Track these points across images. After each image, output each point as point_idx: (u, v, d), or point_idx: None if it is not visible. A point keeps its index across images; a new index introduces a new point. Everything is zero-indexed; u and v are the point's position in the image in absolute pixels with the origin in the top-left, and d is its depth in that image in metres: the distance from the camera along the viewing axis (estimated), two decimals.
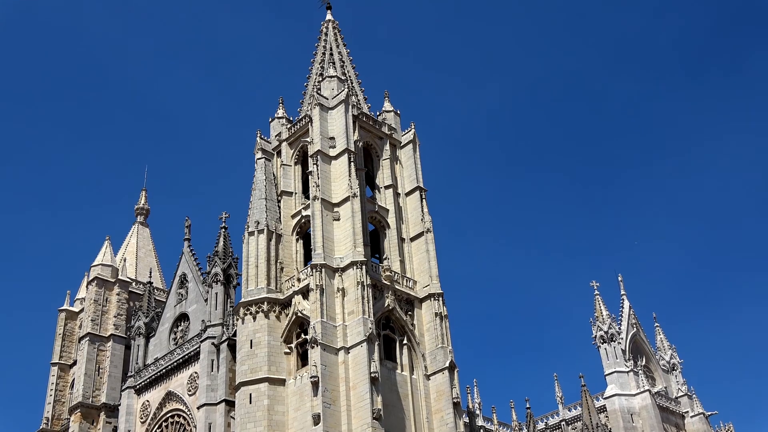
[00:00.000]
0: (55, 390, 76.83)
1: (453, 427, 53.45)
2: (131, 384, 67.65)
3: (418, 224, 62.31)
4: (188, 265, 69.61)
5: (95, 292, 74.94)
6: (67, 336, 79.46)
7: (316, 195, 58.35)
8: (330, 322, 52.96)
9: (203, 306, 65.04)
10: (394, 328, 56.88)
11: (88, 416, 69.81)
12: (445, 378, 55.14)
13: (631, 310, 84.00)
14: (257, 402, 53.16)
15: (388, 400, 52.09)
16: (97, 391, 71.10)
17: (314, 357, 51.27)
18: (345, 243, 56.52)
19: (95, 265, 76.93)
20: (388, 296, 56.55)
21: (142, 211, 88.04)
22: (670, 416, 78.99)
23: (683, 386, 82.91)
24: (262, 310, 56.16)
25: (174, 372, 64.93)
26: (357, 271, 54.58)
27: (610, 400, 75.91)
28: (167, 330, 68.88)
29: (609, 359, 77.54)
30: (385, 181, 63.81)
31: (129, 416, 66.28)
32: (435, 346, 56.68)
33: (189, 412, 61.97)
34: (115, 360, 72.47)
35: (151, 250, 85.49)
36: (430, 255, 60.52)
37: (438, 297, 58.39)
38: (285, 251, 59.92)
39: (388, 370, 54.45)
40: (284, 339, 55.97)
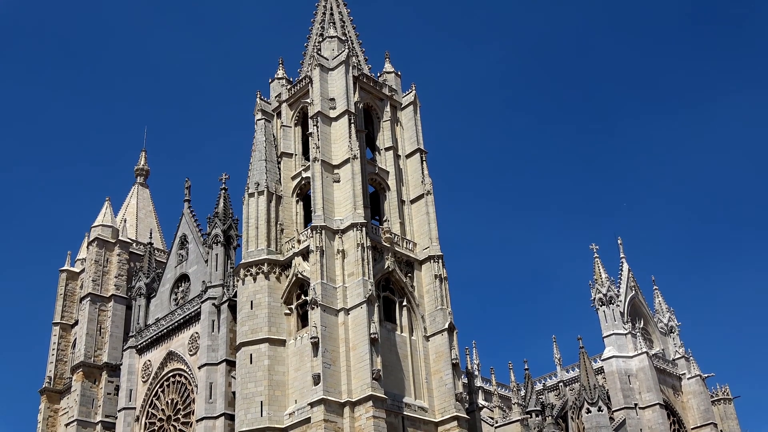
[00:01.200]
0: (57, 349, 77.44)
1: (451, 388, 53.94)
2: (132, 344, 68.16)
3: (418, 186, 62.23)
4: (188, 227, 69.70)
5: (96, 253, 75.14)
6: (68, 296, 79.86)
7: (316, 156, 58.19)
8: (330, 284, 53.17)
9: (204, 267, 65.26)
10: (394, 290, 57.12)
11: (90, 375, 70.47)
12: (445, 339, 55.51)
13: (630, 273, 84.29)
14: (258, 362, 53.60)
15: (387, 361, 52.51)
16: (98, 350, 71.67)
17: (314, 318, 51.57)
18: (345, 205, 56.51)
19: (95, 226, 77.02)
20: (388, 258, 56.70)
21: (142, 172, 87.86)
22: (667, 378, 79.69)
23: (680, 348, 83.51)
24: (262, 271, 56.36)
25: (175, 332, 65.38)
26: (357, 232, 54.65)
27: (607, 362, 76.50)
28: (168, 291, 69.20)
29: (607, 321, 78.01)
30: (386, 143, 63.58)
31: (131, 376, 66.90)
32: (434, 307, 56.96)
33: (190, 371, 62.52)
34: (117, 320, 72.93)
35: (151, 211, 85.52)
36: (430, 217, 60.54)
37: (438, 259, 58.54)
38: (285, 213, 59.94)
39: (388, 331, 54.80)
40: (284, 300, 56.25)
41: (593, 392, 66.99)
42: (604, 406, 66.95)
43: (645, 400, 74.20)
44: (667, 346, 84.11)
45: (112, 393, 69.19)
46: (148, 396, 65.42)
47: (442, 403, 53.91)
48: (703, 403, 79.97)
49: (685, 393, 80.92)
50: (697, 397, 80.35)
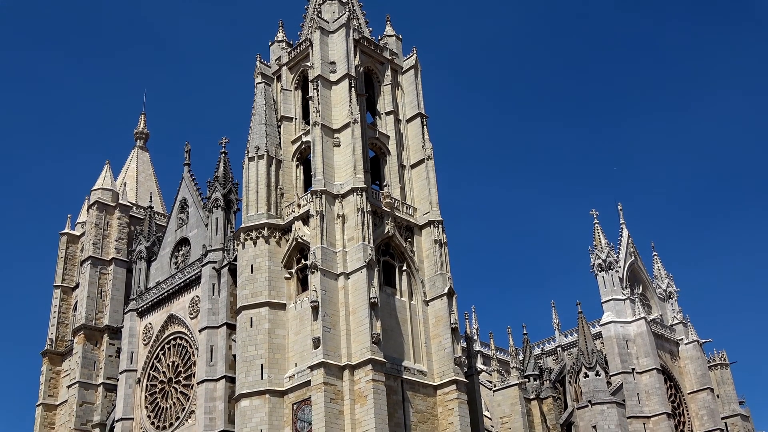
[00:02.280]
0: (59, 312, 77.85)
1: (450, 352, 54.29)
2: (133, 307, 68.47)
3: (418, 151, 62.02)
4: (188, 190, 69.62)
5: (96, 216, 75.15)
6: (69, 259, 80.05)
7: (316, 120, 57.91)
8: (330, 248, 53.25)
9: (204, 231, 65.34)
10: (394, 255, 57.23)
11: (91, 338, 70.94)
12: (444, 304, 55.75)
13: (630, 239, 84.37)
14: (258, 325, 53.90)
15: (387, 325, 52.78)
16: (99, 313, 72.03)
17: (314, 282, 51.73)
18: (345, 169, 56.37)
19: (95, 189, 76.93)
20: (388, 223, 56.71)
21: (142, 135, 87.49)
22: (665, 343, 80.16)
23: (678, 314, 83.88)
24: (262, 235, 56.43)
25: (175, 295, 65.65)
26: (357, 197, 54.59)
27: (606, 327, 76.89)
28: (168, 254, 69.35)
29: (606, 287, 78.22)
30: (386, 107, 63.23)
31: (132, 338, 67.31)
32: (434, 272, 57.10)
33: (191, 334, 62.91)
34: (117, 283, 73.21)
35: (151, 174, 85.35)
36: (431, 182, 60.43)
37: (438, 224, 58.56)
38: (285, 177, 59.82)
39: (388, 295, 55.01)
40: (284, 264, 56.38)
41: (591, 357, 67.41)
42: (602, 371, 67.43)
43: (642, 365, 74.71)
44: (666, 311, 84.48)
45: (114, 355, 69.71)
46: (149, 358, 65.90)
47: (441, 367, 54.31)
48: (700, 369, 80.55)
49: (683, 358, 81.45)
50: (694, 362, 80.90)
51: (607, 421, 64.27)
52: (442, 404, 53.38)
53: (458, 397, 53.12)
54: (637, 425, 71.20)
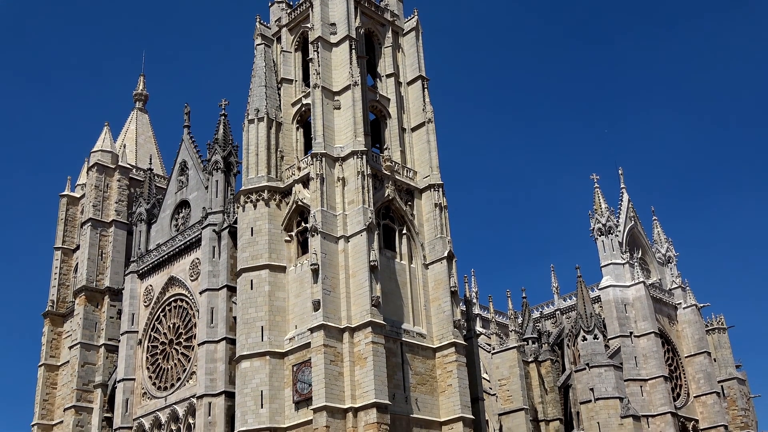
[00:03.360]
0: (59, 274, 78.08)
1: (450, 315, 54.57)
2: (134, 269, 68.68)
3: (419, 114, 61.70)
4: (188, 153, 69.40)
5: (96, 178, 75.01)
6: (69, 221, 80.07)
7: (316, 83, 57.51)
8: (330, 211, 53.25)
9: (204, 193, 65.28)
10: (394, 218, 57.23)
11: (92, 299, 71.24)
12: (444, 267, 55.90)
13: (630, 204, 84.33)
14: (258, 288, 54.10)
15: (386, 288, 52.97)
16: (100, 275, 72.24)
17: (314, 245, 51.81)
18: (345, 132, 56.13)
19: (95, 151, 76.68)
20: (388, 186, 56.62)
21: (141, 96, 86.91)
22: (663, 307, 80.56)
23: (677, 279, 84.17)
24: (262, 198, 56.38)
25: (176, 258, 65.81)
26: (357, 160, 54.43)
27: (604, 291, 77.22)
28: (168, 216, 69.37)
29: (605, 251, 78.39)
30: (387, 70, 62.74)
31: (133, 300, 67.62)
32: (434, 236, 57.17)
33: (191, 296, 63.19)
34: (118, 245, 73.30)
35: (150, 136, 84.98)
36: (431, 145, 60.21)
37: (438, 188, 58.48)
38: (285, 139, 59.59)
39: (388, 258, 55.13)
40: (284, 227, 56.42)
41: (589, 320, 67.81)
42: (600, 334, 67.90)
43: (640, 329, 75.18)
44: (665, 276, 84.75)
45: (115, 317, 70.07)
46: (150, 320, 66.29)
47: (440, 329, 54.64)
48: (698, 333, 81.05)
49: (681, 322, 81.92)
50: (692, 326, 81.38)
51: (604, 383, 64.88)
52: (441, 366, 53.80)
53: (457, 360, 53.53)
54: (634, 388, 71.87)
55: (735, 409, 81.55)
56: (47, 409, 73.58)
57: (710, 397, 78.34)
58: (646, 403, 71.82)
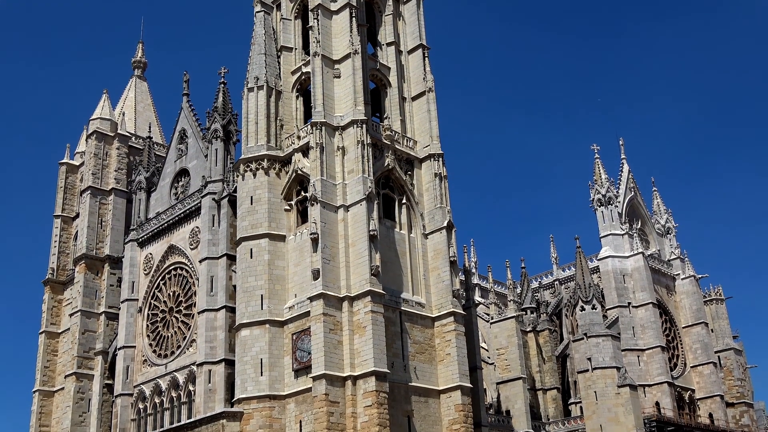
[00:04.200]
0: (59, 242, 78.16)
1: (449, 285, 54.73)
2: (134, 237, 68.72)
3: (419, 83, 61.34)
4: (188, 121, 69.09)
5: (95, 146, 74.79)
6: (68, 189, 79.99)
7: (316, 51, 57.09)
8: (330, 181, 53.16)
9: (203, 162, 65.10)
10: (394, 188, 57.15)
11: (92, 267, 71.40)
12: (443, 237, 55.95)
13: (630, 174, 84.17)
14: (258, 257, 54.18)
15: (386, 258, 53.07)
16: (100, 243, 72.31)
17: (314, 214, 51.80)
18: (345, 101, 55.85)
19: (94, 119, 76.35)
20: (388, 156, 56.46)
21: (140, 64, 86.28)
22: (662, 278, 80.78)
23: (676, 249, 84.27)
24: (262, 167, 56.24)
25: (176, 226, 65.82)
26: (357, 129, 54.22)
27: (603, 262, 77.36)
28: (168, 185, 69.26)
29: (605, 222, 78.40)
30: (387, 38, 62.25)
31: (133, 268, 67.76)
32: (434, 205, 57.14)
33: (191, 265, 63.30)
34: (117, 213, 73.28)
35: (149, 104, 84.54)
36: (431, 115, 59.95)
37: (438, 157, 58.33)
38: (285, 108, 59.29)
39: (387, 228, 55.15)
40: (284, 196, 56.36)
41: (588, 291, 67.98)
42: (598, 305, 68.11)
43: (638, 299, 75.45)
44: (664, 246, 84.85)
45: (115, 285, 70.28)
46: (150, 288, 66.48)
47: (439, 299, 54.85)
48: (696, 303, 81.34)
49: (679, 293, 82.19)
50: (690, 297, 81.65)
51: (602, 353, 65.20)
52: (440, 335, 54.09)
53: (456, 329, 53.82)
54: (632, 358, 72.31)
55: (731, 380, 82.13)
56: (48, 376, 74.13)
57: (707, 367, 78.86)
58: (643, 373, 72.31)
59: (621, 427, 62.66)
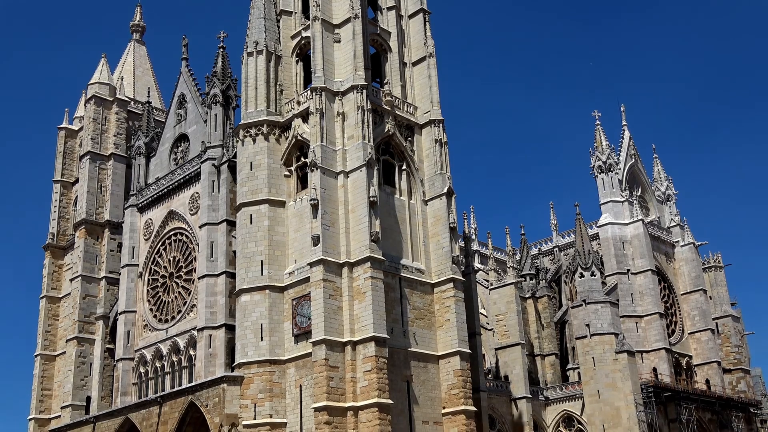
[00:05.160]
0: (59, 207, 78.20)
1: (448, 251, 54.83)
2: (134, 202, 68.72)
3: (420, 48, 60.86)
4: (187, 86, 68.69)
5: (94, 111, 74.47)
6: (67, 154, 79.84)
7: (316, 15, 56.55)
8: (330, 146, 52.98)
9: (203, 127, 64.85)
10: (394, 154, 56.99)
11: (92, 232, 71.50)
12: (443, 203, 55.93)
13: (631, 141, 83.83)
14: (258, 222, 54.20)
15: (386, 224, 53.10)
16: (100, 208, 72.32)
17: (314, 180, 51.70)
18: (345, 66, 55.45)
19: (92, 83, 75.93)
20: (388, 121, 56.22)
21: (138, 28, 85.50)
22: (661, 245, 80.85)
23: (676, 217, 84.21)
24: (261, 132, 56.02)
25: (175, 192, 65.77)
26: (357, 95, 53.91)
27: (603, 229, 77.35)
28: (167, 150, 69.07)
29: (605, 189, 78.23)
30: (388, 2, 61.60)
31: (133, 233, 67.84)
32: (434, 172, 57.03)
33: (191, 230, 63.35)
34: (117, 178, 73.20)
35: (148, 69, 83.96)
36: (432, 80, 59.57)
37: (438, 123, 58.09)
38: (284, 73, 58.88)
39: (387, 194, 55.10)
40: (284, 162, 56.21)
41: (587, 257, 68.09)
42: (597, 271, 68.27)
43: (638, 266, 75.58)
44: (663, 214, 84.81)
45: (115, 250, 70.44)
46: (150, 253, 66.63)
47: (439, 265, 54.98)
48: (694, 270, 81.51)
49: (678, 260, 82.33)
50: (689, 264, 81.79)
51: (600, 319, 65.51)
52: (439, 302, 54.34)
53: (455, 295, 54.03)
54: (630, 324, 72.67)
55: (728, 346, 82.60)
56: (50, 340, 74.65)
57: (704, 333, 79.24)
58: (640, 339, 72.73)
59: (618, 393, 63.22)
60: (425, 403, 51.82)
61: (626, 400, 62.97)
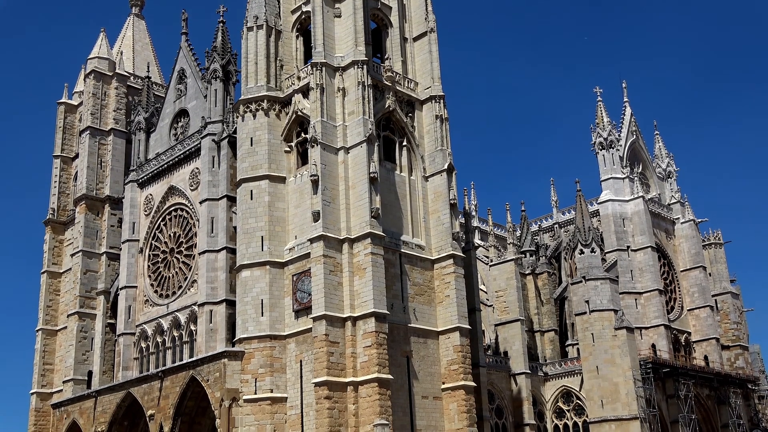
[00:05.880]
0: (59, 182, 78.14)
1: (449, 227, 54.84)
2: (134, 178, 68.66)
3: (421, 23, 60.44)
4: (186, 61, 68.36)
5: (93, 86, 74.19)
6: (67, 129, 79.63)
7: None
8: (330, 122, 52.82)
9: (203, 102, 64.62)
10: (394, 130, 56.82)
11: (92, 208, 71.54)
12: (443, 180, 55.85)
13: (632, 117, 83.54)
14: (258, 198, 54.17)
15: (386, 200, 53.06)
16: (100, 184, 72.29)
17: (314, 156, 51.60)
18: (346, 41, 55.12)
19: (91, 58, 75.59)
20: (388, 97, 55.98)
21: (137, 2, 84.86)
22: (661, 222, 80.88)
23: (676, 193, 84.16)
24: (261, 108, 55.81)
25: (175, 167, 65.70)
26: (358, 70, 53.64)
27: (603, 205, 77.34)
28: (167, 125, 68.89)
29: (606, 166, 78.13)
30: None
31: (133, 209, 67.87)
32: (434, 148, 56.90)
33: (191, 206, 63.36)
34: (117, 154, 73.11)
35: (147, 43, 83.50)
36: (433, 56, 59.23)
37: (439, 99, 57.85)
38: (285, 48, 58.55)
39: (387, 170, 55.01)
40: (284, 137, 56.06)
41: (587, 234, 68.11)
42: (597, 248, 68.31)
43: (638, 243, 75.68)
44: (664, 191, 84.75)
45: (116, 225, 70.52)
46: (150, 229, 66.70)
47: (439, 241, 55.02)
48: (694, 247, 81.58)
49: (678, 237, 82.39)
50: (688, 240, 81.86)
51: (600, 296, 65.66)
52: (439, 278, 54.44)
53: (455, 271, 54.12)
54: (629, 300, 72.90)
55: (727, 323, 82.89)
56: (51, 315, 74.93)
57: (703, 310, 79.50)
58: (640, 316, 72.99)
59: (617, 369, 63.53)
60: (425, 378, 52.12)
61: (625, 375, 63.30)
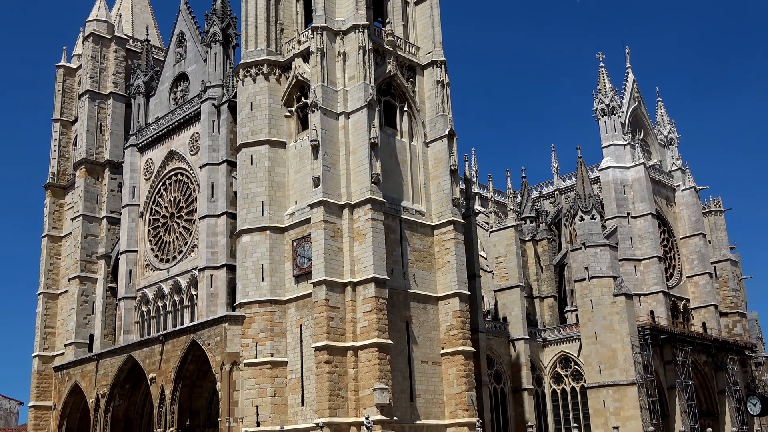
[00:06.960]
0: (59, 146, 77.90)
1: (449, 193, 54.79)
2: (134, 142, 68.47)
3: None
4: (186, 24, 67.77)
5: (92, 49, 73.60)
6: (66, 93, 79.17)
7: None
8: (330, 87, 52.48)
9: (202, 66, 64.18)
10: (395, 95, 56.50)
11: (92, 172, 71.40)
12: (444, 146, 55.67)
13: (635, 84, 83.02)
14: (258, 163, 54.04)
15: (386, 166, 52.94)
16: (100, 148, 72.07)
17: (314, 121, 51.37)
18: (347, 5, 54.56)
19: (90, 21, 74.90)
20: (389, 62, 55.57)
21: None
22: (662, 189, 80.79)
23: (678, 161, 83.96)
24: (262, 72, 55.42)
25: (175, 131, 65.48)
26: (359, 34, 53.16)
27: (604, 172, 77.22)
28: (167, 89, 68.50)
29: (607, 132, 77.82)
30: None
31: (133, 173, 67.78)
32: (435, 113, 56.62)
33: (191, 171, 63.25)
34: (116, 118, 72.76)
35: (146, 6, 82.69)
36: (435, 20, 58.68)
37: (440, 64, 57.43)
38: (285, 12, 57.98)
39: (388, 136, 54.80)
40: (284, 102, 55.76)
41: (588, 201, 68.04)
42: (597, 215, 68.28)
43: (638, 210, 75.68)
44: (665, 158, 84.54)
45: (116, 190, 70.45)
46: (151, 194, 66.66)
47: (440, 207, 55.01)
48: (695, 215, 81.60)
49: (678, 204, 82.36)
50: (689, 208, 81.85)
51: (599, 262, 65.77)
52: (439, 243, 54.52)
53: (455, 237, 54.18)
54: (629, 267, 73.10)
55: (726, 290, 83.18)
56: (52, 279, 75.16)
57: (702, 277, 79.75)
58: (639, 282, 73.23)
59: (615, 335, 63.87)
60: (424, 343, 52.43)
61: (623, 342, 63.65)
